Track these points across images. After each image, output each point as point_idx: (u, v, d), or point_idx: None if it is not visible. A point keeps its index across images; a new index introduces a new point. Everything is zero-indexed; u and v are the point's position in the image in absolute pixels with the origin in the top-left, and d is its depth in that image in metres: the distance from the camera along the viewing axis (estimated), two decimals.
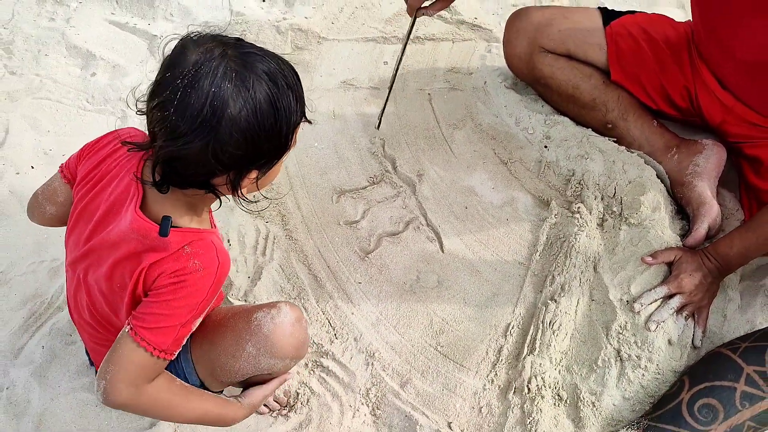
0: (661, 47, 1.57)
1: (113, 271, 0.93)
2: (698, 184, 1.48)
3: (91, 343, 1.08)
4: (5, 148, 1.67)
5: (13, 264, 1.47)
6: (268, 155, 0.87)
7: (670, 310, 1.31)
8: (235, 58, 0.81)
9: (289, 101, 0.85)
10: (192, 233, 0.91)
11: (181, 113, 0.78)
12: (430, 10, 1.53)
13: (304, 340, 1.10)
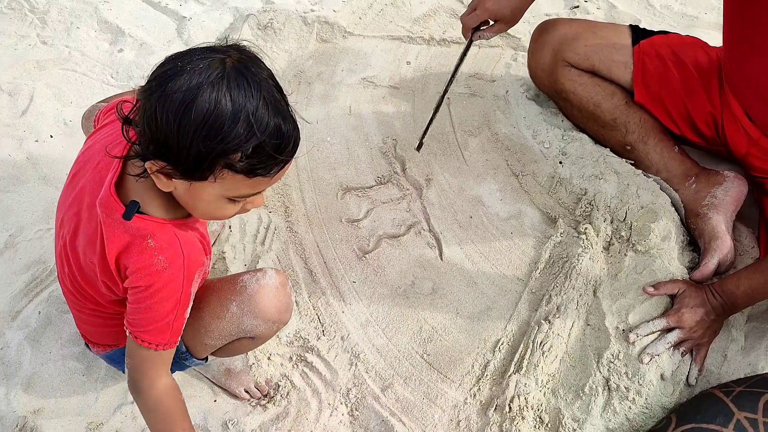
0: (690, 71, 1.51)
1: (84, 244, 0.96)
2: (713, 217, 1.42)
3: (74, 310, 1.10)
4: (28, 116, 1.72)
5: (22, 229, 1.51)
6: (174, 155, 0.81)
7: (667, 344, 1.27)
8: (236, 65, 0.81)
9: (227, 131, 0.79)
10: (155, 223, 0.91)
11: (158, 69, 0.82)
12: (487, 32, 1.46)
13: (287, 305, 1.11)
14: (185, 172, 0.83)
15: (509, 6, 1.42)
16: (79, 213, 0.98)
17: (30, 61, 1.85)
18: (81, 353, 1.32)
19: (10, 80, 1.79)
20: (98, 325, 1.10)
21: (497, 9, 1.41)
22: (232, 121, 0.79)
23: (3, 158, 1.63)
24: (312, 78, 1.86)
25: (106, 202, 0.91)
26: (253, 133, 0.80)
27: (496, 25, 1.45)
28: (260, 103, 0.80)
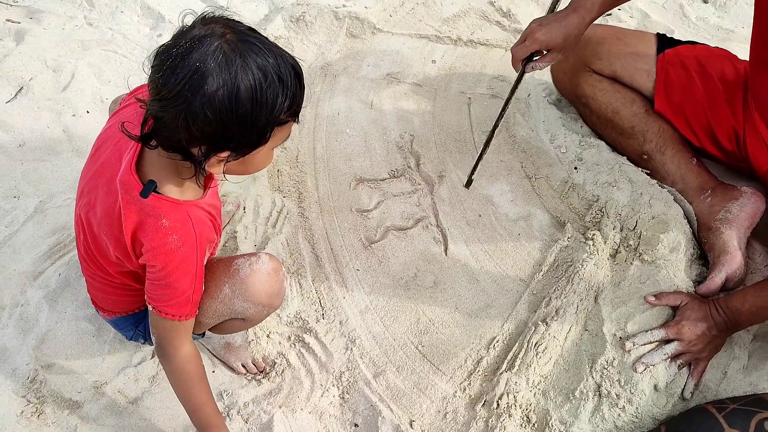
0: (715, 83, 1.48)
1: (100, 216, 1.02)
2: (725, 232, 1.39)
3: (86, 275, 1.17)
4: (68, 91, 1.82)
5: (52, 196, 1.60)
6: (239, 141, 0.88)
7: (663, 355, 1.25)
8: (232, 42, 0.84)
9: (272, 97, 0.86)
10: (169, 203, 0.96)
11: (166, 79, 0.83)
12: (540, 62, 1.38)
13: (278, 290, 1.15)
14: (249, 149, 0.91)
15: (561, 34, 1.33)
16: (98, 187, 1.04)
17: (75, 40, 1.95)
18: (93, 315, 1.40)
19: (55, 57, 1.89)
20: (106, 292, 1.16)
21: (548, 39, 1.33)
22: (271, 89, 0.85)
23: (41, 129, 1.73)
24: (338, 71, 1.91)
25: (125, 179, 0.96)
26: (286, 88, 0.88)
27: (549, 54, 1.37)
28: (274, 61, 0.86)
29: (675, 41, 1.57)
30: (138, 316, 1.19)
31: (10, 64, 1.84)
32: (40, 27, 1.95)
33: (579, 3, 1.37)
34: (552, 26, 1.34)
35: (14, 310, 1.40)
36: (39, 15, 2.00)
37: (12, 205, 1.57)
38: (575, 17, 1.35)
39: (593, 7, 1.36)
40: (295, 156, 1.69)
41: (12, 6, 2.03)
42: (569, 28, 1.34)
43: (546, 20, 1.36)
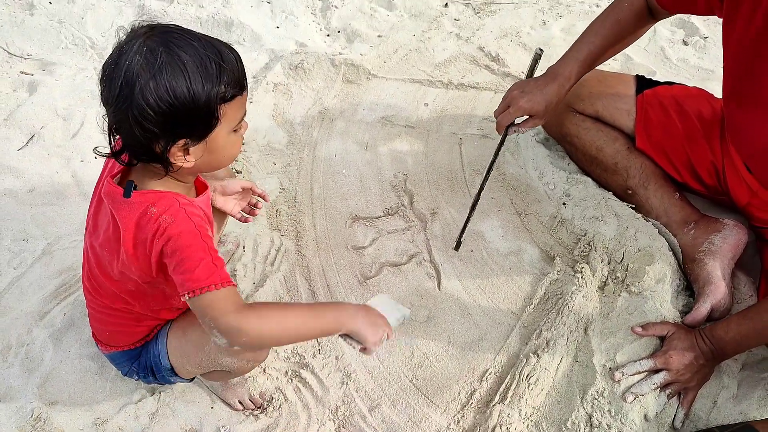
0: (693, 121, 1.55)
1: (102, 237, 1.07)
2: (709, 263, 1.43)
3: (89, 307, 1.21)
4: (77, 138, 1.90)
5: (59, 238, 1.66)
6: (188, 124, 0.92)
7: (652, 385, 1.28)
8: (154, 37, 0.90)
9: (204, 74, 0.90)
10: (153, 193, 0.99)
11: (107, 87, 0.90)
12: (521, 127, 1.48)
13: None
14: (203, 131, 0.94)
15: (543, 101, 1.42)
16: (96, 213, 1.10)
17: (85, 90, 2.05)
18: (96, 354, 1.43)
19: (65, 106, 1.99)
20: (107, 323, 1.20)
21: (531, 106, 1.42)
22: (201, 67, 0.90)
23: (50, 175, 1.81)
24: (335, 115, 1.99)
25: (108, 190, 1.01)
26: (219, 65, 0.92)
27: (530, 120, 1.46)
28: (198, 44, 0.91)
29: (653, 82, 1.65)
30: (133, 352, 1.22)
31: (23, 113, 1.93)
32: (52, 78, 2.05)
33: (558, 71, 1.46)
34: (534, 94, 1.42)
35: (20, 349, 1.44)
36: (51, 67, 2.10)
37: (21, 248, 1.63)
38: (555, 86, 1.43)
39: (571, 76, 1.45)
40: (293, 196, 1.76)
41: (26, 59, 2.14)
42: (550, 96, 1.43)
43: (528, 87, 1.44)
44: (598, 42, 1.46)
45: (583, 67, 1.46)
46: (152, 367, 1.22)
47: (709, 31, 2.22)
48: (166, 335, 1.18)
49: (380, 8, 2.38)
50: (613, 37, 1.48)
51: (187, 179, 1.06)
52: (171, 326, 1.19)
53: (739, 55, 1.29)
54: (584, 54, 1.45)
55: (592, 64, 1.48)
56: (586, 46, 1.46)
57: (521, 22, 2.31)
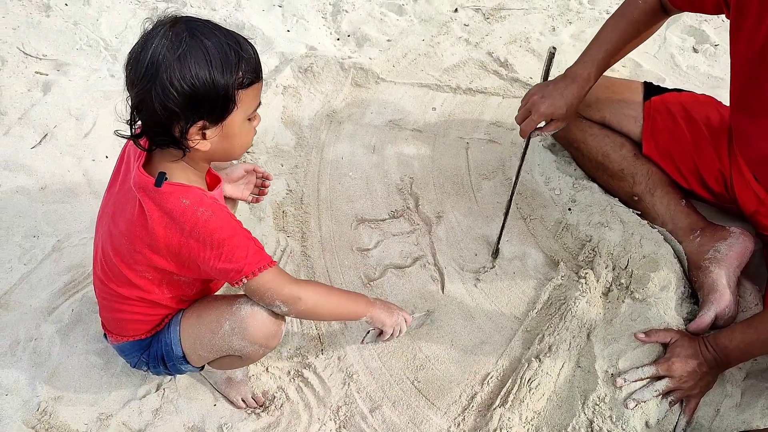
0: (700, 128, 1.55)
1: (123, 225, 1.09)
2: (714, 271, 1.42)
3: (99, 298, 1.23)
4: (89, 138, 1.93)
5: (69, 235, 1.69)
6: (208, 106, 0.98)
7: (654, 392, 1.27)
8: (180, 25, 0.97)
9: (224, 59, 0.96)
10: (183, 187, 1.05)
11: (133, 69, 0.97)
12: (543, 131, 1.47)
13: (275, 332, 1.20)
14: (220, 114, 1.00)
15: (564, 105, 1.42)
16: (118, 200, 1.13)
17: (98, 91, 2.08)
18: (103, 349, 1.46)
19: (78, 106, 2.02)
20: (119, 311, 1.21)
21: (553, 111, 1.41)
22: (221, 52, 0.96)
23: (62, 173, 1.84)
24: (343, 118, 2.01)
25: (139, 179, 1.05)
26: (238, 53, 0.98)
27: (553, 123, 1.45)
28: (219, 33, 0.98)
29: (661, 89, 1.64)
30: (144, 342, 1.24)
31: (37, 112, 1.97)
32: (66, 78, 2.09)
33: (576, 73, 1.45)
34: (555, 98, 1.42)
35: (28, 344, 1.47)
36: (66, 67, 2.14)
37: (31, 244, 1.66)
38: (575, 88, 1.43)
39: (590, 77, 1.45)
40: (300, 198, 1.77)
41: (41, 59, 2.18)
42: (570, 98, 1.42)
43: (547, 91, 1.44)
44: (614, 41, 1.47)
45: (600, 67, 1.46)
46: (163, 357, 1.25)
47: (720, 39, 2.21)
48: (178, 323, 1.21)
49: (390, 13, 2.40)
50: (628, 35, 1.48)
51: (202, 167, 1.11)
52: (184, 313, 1.22)
53: (746, 64, 1.28)
54: (602, 54, 1.46)
55: (609, 63, 1.48)
56: (603, 46, 1.47)
57: (531, 28, 2.32)
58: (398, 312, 1.32)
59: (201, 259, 1.06)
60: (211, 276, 1.12)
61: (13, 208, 1.73)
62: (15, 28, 2.26)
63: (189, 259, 1.07)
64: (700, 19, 2.30)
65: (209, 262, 1.06)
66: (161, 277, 1.13)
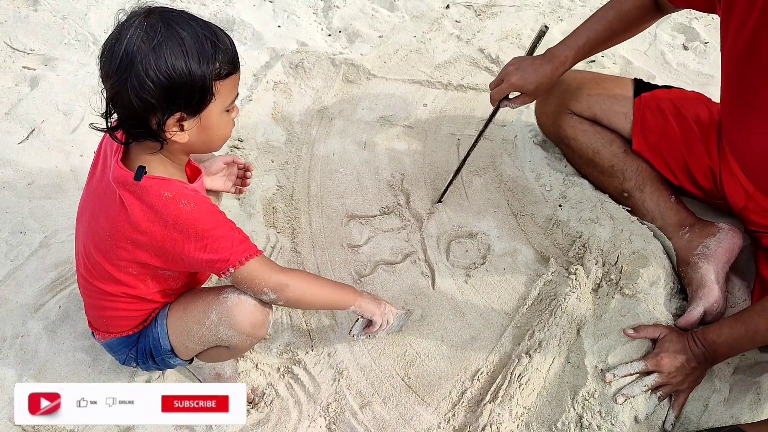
0: (690, 125, 1.55)
1: (104, 221, 1.08)
2: (703, 266, 1.43)
3: (84, 296, 1.22)
4: (77, 133, 1.91)
5: (56, 231, 1.67)
6: (185, 97, 0.97)
7: (643, 387, 1.27)
8: (154, 15, 0.95)
9: (200, 49, 0.95)
10: (163, 180, 1.04)
11: (108, 60, 0.95)
12: (512, 103, 1.54)
13: (262, 321, 1.19)
14: (197, 105, 0.99)
15: (534, 81, 1.47)
16: (97, 196, 1.11)
17: (87, 86, 2.06)
18: (90, 346, 1.44)
19: (66, 101, 2.00)
20: (103, 309, 1.20)
21: (522, 83, 1.48)
22: (197, 43, 0.95)
23: (50, 168, 1.82)
24: (334, 114, 2.00)
25: (117, 174, 1.04)
26: (215, 44, 0.98)
27: (520, 97, 1.52)
28: (195, 23, 0.97)
29: (651, 85, 1.65)
30: (131, 338, 1.23)
31: (24, 107, 1.95)
32: (54, 73, 2.07)
33: (554, 54, 1.49)
34: (527, 72, 1.46)
35: (15, 341, 1.45)
36: (54, 62, 2.12)
37: (18, 240, 1.64)
38: (549, 67, 1.47)
39: (567, 60, 1.49)
40: (290, 194, 1.76)
41: (29, 54, 2.15)
42: (542, 77, 1.47)
43: (523, 65, 1.48)
44: (599, 30, 1.48)
45: (579, 53, 1.48)
46: (151, 351, 1.24)
47: (710, 36, 2.22)
48: (165, 316, 1.20)
49: (382, 9, 2.39)
50: (615, 27, 1.49)
51: (180, 159, 1.10)
52: (170, 306, 1.21)
53: (734, 59, 1.29)
54: (583, 41, 1.47)
55: (590, 51, 1.50)
56: (586, 33, 1.48)
57: (522, 25, 2.32)
58: (385, 303, 1.32)
59: (185, 251, 1.05)
60: (197, 268, 1.12)
61: None
62: (2, 23, 2.23)
63: (173, 253, 1.06)
64: (690, 16, 2.31)
65: (194, 254, 1.05)
66: (145, 272, 1.12)
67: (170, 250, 1.06)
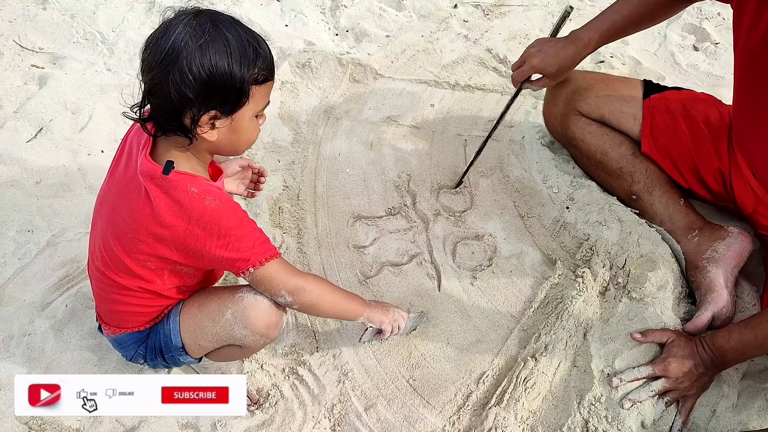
0: (700, 127, 1.54)
1: (126, 214, 1.08)
2: (712, 270, 1.42)
3: (97, 289, 1.22)
4: (85, 132, 1.92)
5: (64, 230, 1.68)
6: (222, 96, 0.99)
7: (650, 392, 1.26)
8: (204, 16, 0.99)
9: (243, 53, 0.98)
10: (190, 176, 1.06)
11: (153, 52, 0.97)
12: (534, 85, 1.54)
13: (276, 322, 1.20)
14: (232, 106, 1.02)
15: (556, 63, 1.47)
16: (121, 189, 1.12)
17: (95, 84, 2.07)
18: (96, 345, 1.45)
19: (74, 100, 2.01)
20: (118, 303, 1.20)
21: (543, 66, 1.47)
22: (241, 47, 0.99)
23: (58, 167, 1.82)
24: (341, 114, 2.00)
25: (146, 167, 1.05)
26: (257, 50, 1.01)
27: (542, 79, 1.51)
28: (241, 28, 1.01)
29: (661, 87, 1.63)
30: (142, 334, 1.24)
31: (33, 106, 1.95)
32: (63, 72, 2.08)
33: (578, 36, 1.48)
34: (549, 55, 1.45)
35: (21, 339, 1.46)
36: (62, 61, 2.13)
37: (26, 239, 1.65)
38: (571, 50, 1.46)
39: (590, 43, 1.47)
40: (297, 194, 1.76)
41: (38, 52, 2.16)
42: (564, 60, 1.45)
43: (545, 47, 1.47)
44: (626, 15, 1.46)
45: (604, 36, 1.46)
46: (161, 348, 1.24)
47: (720, 37, 2.20)
48: (178, 313, 1.21)
49: (389, 8, 2.39)
50: (643, 12, 1.47)
51: (205, 158, 1.12)
52: (184, 304, 1.22)
53: (746, 59, 1.27)
54: (608, 24, 1.46)
55: (614, 35, 1.48)
56: (611, 17, 1.46)
57: (530, 25, 2.30)
58: (394, 309, 1.33)
59: (207, 248, 1.06)
60: (216, 266, 1.13)
61: (7, 203, 1.72)
62: (11, 21, 2.24)
63: (194, 249, 1.07)
64: (700, 17, 2.29)
65: (215, 252, 1.07)
66: (164, 267, 1.13)
67: (191, 246, 1.07)
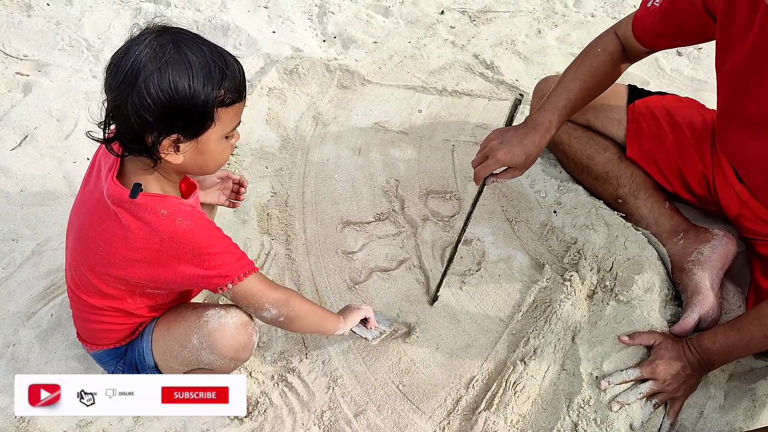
0: (684, 131, 1.56)
1: (94, 236, 1.06)
2: (697, 273, 1.43)
3: (72, 307, 1.21)
4: (70, 140, 1.90)
5: (49, 239, 1.66)
6: (183, 119, 0.96)
7: (638, 394, 1.27)
8: (166, 35, 0.95)
9: (207, 75, 0.95)
10: (159, 197, 1.03)
11: (113, 73, 0.94)
12: (500, 177, 1.39)
13: (245, 344, 1.18)
14: (196, 129, 0.98)
15: (523, 153, 1.33)
16: (87, 210, 1.10)
17: (80, 92, 2.06)
18: (82, 355, 1.43)
19: (59, 108, 1.99)
20: (91, 322, 1.19)
21: (510, 158, 1.33)
22: (204, 68, 0.95)
23: (43, 175, 1.81)
24: (329, 120, 2.00)
25: (113, 191, 1.02)
26: (223, 70, 0.97)
27: (510, 170, 1.37)
28: (206, 48, 0.97)
29: (645, 92, 1.65)
30: (119, 350, 1.22)
31: (17, 113, 1.94)
32: (47, 79, 2.06)
33: (537, 121, 1.38)
34: (513, 145, 1.33)
35: (6, 350, 1.44)
36: (47, 68, 2.11)
37: (10, 248, 1.63)
38: (535, 136, 1.35)
39: (551, 126, 1.38)
40: (285, 200, 1.76)
41: (22, 60, 2.14)
42: (530, 148, 1.34)
43: (506, 137, 1.35)
44: (576, 90, 1.40)
45: (562, 116, 1.39)
46: (137, 365, 1.22)
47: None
48: (151, 333, 1.18)
49: (377, 15, 2.40)
50: (591, 84, 1.42)
51: (174, 178, 1.08)
52: (157, 323, 1.19)
53: (731, 76, 1.29)
54: (563, 103, 1.39)
55: (571, 111, 1.41)
56: (563, 95, 1.40)
57: (516, 31, 2.32)
58: (356, 305, 1.34)
59: (182, 268, 1.04)
60: (192, 285, 1.10)
61: None
62: None
63: (168, 270, 1.04)
64: None
65: (191, 271, 1.04)
66: (134, 289, 1.11)
67: (165, 268, 1.04)
